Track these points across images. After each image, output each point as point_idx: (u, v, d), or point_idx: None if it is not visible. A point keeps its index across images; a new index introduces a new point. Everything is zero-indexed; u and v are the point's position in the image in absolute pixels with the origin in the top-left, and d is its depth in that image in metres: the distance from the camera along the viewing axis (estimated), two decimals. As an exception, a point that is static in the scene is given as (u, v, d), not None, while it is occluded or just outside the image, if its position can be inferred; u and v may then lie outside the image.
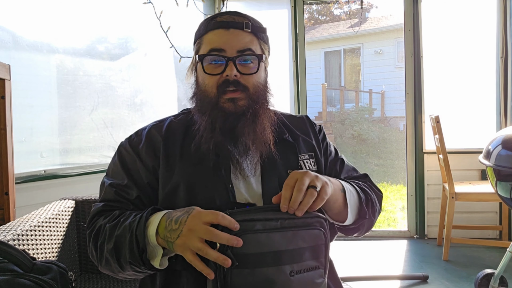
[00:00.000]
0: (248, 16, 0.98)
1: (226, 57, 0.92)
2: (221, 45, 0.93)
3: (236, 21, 0.95)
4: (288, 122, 1.09)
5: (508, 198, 1.90)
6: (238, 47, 0.93)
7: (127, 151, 0.99)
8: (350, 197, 0.94)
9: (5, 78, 1.46)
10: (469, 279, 2.47)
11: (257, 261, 0.73)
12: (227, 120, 0.92)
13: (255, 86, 0.95)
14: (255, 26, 0.97)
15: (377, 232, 3.53)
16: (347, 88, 11.81)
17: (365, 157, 8.61)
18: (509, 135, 1.93)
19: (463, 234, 3.16)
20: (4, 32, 1.98)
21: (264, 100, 0.97)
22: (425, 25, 3.27)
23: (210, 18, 0.98)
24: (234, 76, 0.92)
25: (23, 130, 2.06)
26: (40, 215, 1.39)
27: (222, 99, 0.92)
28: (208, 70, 0.94)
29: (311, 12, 14.12)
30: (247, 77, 0.94)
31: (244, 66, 0.94)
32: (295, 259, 0.75)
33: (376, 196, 1.05)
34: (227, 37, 0.93)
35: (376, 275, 2.57)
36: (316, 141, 1.09)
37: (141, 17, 2.68)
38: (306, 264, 0.76)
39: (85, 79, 2.42)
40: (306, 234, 0.77)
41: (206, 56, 0.94)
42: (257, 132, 0.94)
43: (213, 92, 0.93)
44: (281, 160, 0.99)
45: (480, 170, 3.20)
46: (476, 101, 3.29)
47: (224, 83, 0.92)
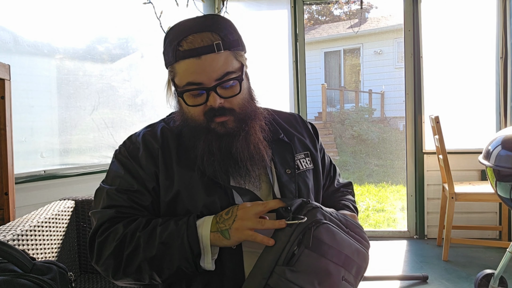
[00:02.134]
0: (215, 28, 0.89)
1: (205, 88, 0.88)
2: (197, 79, 0.87)
3: (205, 45, 0.86)
4: (281, 120, 1.09)
5: (507, 198, 1.90)
6: (215, 76, 0.87)
7: (128, 159, 0.97)
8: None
9: (5, 78, 1.46)
10: (469, 279, 2.47)
11: (326, 251, 0.81)
12: (222, 142, 0.92)
13: (241, 105, 0.93)
14: (226, 42, 0.88)
15: (377, 232, 3.53)
16: (347, 89, 11.81)
17: (365, 157, 8.61)
18: (508, 136, 1.93)
19: (463, 234, 3.16)
20: (4, 32, 1.98)
21: (252, 113, 0.95)
22: (425, 25, 3.27)
23: (176, 42, 0.88)
24: (219, 104, 0.89)
25: (23, 130, 2.06)
26: (40, 215, 1.39)
27: (212, 123, 0.91)
28: (190, 102, 0.91)
29: (311, 12, 14.13)
30: (231, 100, 0.91)
31: (226, 89, 0.90)
32: (348, 267, 0.84)
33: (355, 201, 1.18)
34: (201, 67, 0.86)
35: (376, 275, 2.57)
36: (310, 140, 1.11)
37: (141, 17, 2.68)
38: (350, 277, 0.84)
39: (85, 79, 2.42)
40: (361, 252, 0.87)
41: (185, 92, 0.90)
42: (251, 150, 0.93)
43: (200, 119, 0.92)
44: (279, 161, 1.00)
45: (480, 171, 3.20)
46: (476, 102, 3.29)
47: (210, 111, 0.90)
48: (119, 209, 0.92)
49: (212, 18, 0.91)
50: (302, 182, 1.01)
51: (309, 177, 1.04)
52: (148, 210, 0.94)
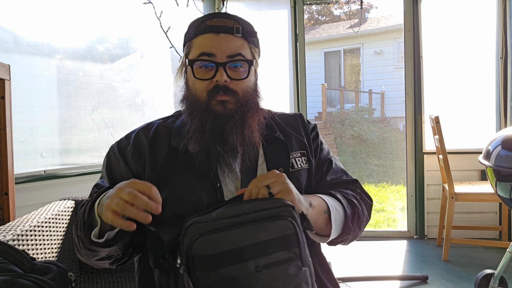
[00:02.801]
0: (239, 19, 0.97)
1: (216, 62, 0.92)
2: (211, 50, 0.92)
3: (226, 26, 0.93)
4: (280, 120, 1.09)
5: (507, 198, 1.90)
6: (228, 52, 0.92)
7: (115, 153, 1.01)
8: (335, 216, 0.92)
9: (5, 78, 1.46)
10: (469, 280, 2.47)
11: (218, 261, 0.70)
12: (217, 122, 0.93)
13: (245, 91, 0.95)
14: (245, 30, 0.95)
15: (377, 232, 3.53)
16: (347, 89, 11.82)
17: (365, 157, 8.61)
18: (508, 136, 1.93)
19: (463, 234, 3.16)
20: (4, 32, 1.98)
21: (253, 104, 0.97)
22: (425, 25, 3.27)
23: (200, 21, 0.96)
24: (224, 82, 0.92)
25: (23, 130, 2.06)
26: (40, 215, 1.39)
27: (213, 101, 0.93)
28: (198, 75, 0.94)
29: (311, 13, 14.13)
30: (237, 82, 0.94)
31: (234, 71, 0.94)
32: (259, 253, 0.71)
33: (365, 206, 1.03)
34: (217, 42, 0.92)
35: (376, 276, 2.57)
36: (307, 140, 1.08)
37: (141, 17, 2.68)
38: (275, 256, 0.72)
39: (85, 79, 2.42)
40: (269, 226, 0.73)
41: (196, 61, 0.94)
42: (245, 134, 0.94)
43: (203, 96, 0.94)
44: (272, 159, 0.99)
45: (480, 171, 3.20)
46: (475, 102, 3.29)
47: (214, 88, 0.93)
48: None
49: (240, 17, 0.99)
50: (295, 181, 0.99)
51: (303, 177, 1.03)
52: None
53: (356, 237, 1.02)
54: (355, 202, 1.00)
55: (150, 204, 0.74)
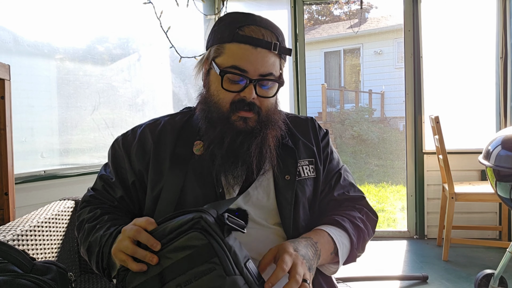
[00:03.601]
0: (276, 30, 0.93)
1: (248, 77, 0.89)
2: (246, 65, 0.88)
3: (265, 40, 0.89)
4: (291, 124, 1.06)
5: (507, 198, 1.90)
6: (261, 71, 0.89)
7: (120, 148, 1.01)
8: (342, 252, 0.94)
9: (5, 78, 1.46)
10: (469, 280, 2.47)
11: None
12: (237, 138, 0.91)
13: (268, 109, 0.94)
14: (282, 47, 0.92)
15: (377, 232, 3.53)
16: (347, 89, 11.82)
17: (365, 157, 8.61)
18: (508, 136, 1.93)
19: (463, 234, 3.16)
20: (4, 32, 1.98)
21: (274, 121, 0.95)
22: (425, 25, 3.27)
23: (237, 25, 0.90)
24: (252, 99, 0.90)
25: (23, 131, 2.06)
26: (40, 216, 1.39)
27: (234, 115, 0.91)
28: (226, 86, 0.90)
29: (311, 13, 14.13)
30: (263, 100, 0.92)
31: (263, 89, 0.92)
32: (178, 272, 0.70)
33: (371, 225, 1.03)
34: (253, 57, 0.88)
35: (376, 276, 2.57)
36: (317, 147, 1.05)
37: (142, 17, 2.68)
38: (194, 272, 0.70)
39: (85, 79, 2.42)
40: (182, 242, 0.72)
41: (228, 73, 0.89)
42: (263, 154, 0.93)
43: (226, 107, 0.91)
44: (279, 166, 0.97)
45: (480, 171, 3.20)
46: (475, 102, 3.29)
47: (240, 102, 0.90)
48: (96, 193, 1.03)
49: (275, 24, 0.95)
50: (300, 189, 0.98)
51: (309, 186, 1.00)
52: (118, 201, 0.99)
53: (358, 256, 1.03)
54: (361, 226, 0.99)
55: (151, 240, 0.74)
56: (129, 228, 0.77)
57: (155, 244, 0.72)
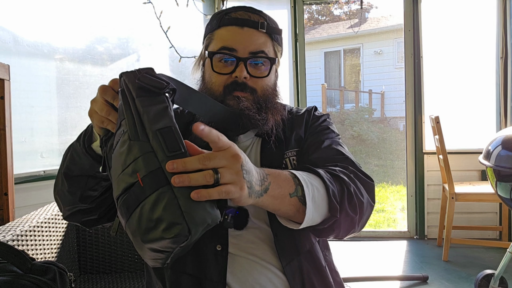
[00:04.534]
0: (265, 14, 0.94)
1: (237, 57, 0.88)
2: (234, 44, 0.89)
3: (251, 19, 0.90)
4: (288, 117, 1.03)
5: (508, 198, 1.89)
6: (251, 48, 0.89)
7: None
8: (312, 194, 0.73)
9: (5, 79, 1.46)
10: (469, 280, 2.47)
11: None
12: (231, 116, 0.89)
13: (264, 90, 0.92)
14: (270, 26, 0.92)
15: (377, 232, 3.53)
16: (347, 89, 11.81)
17: (365, 157, 8.60)
18: (509, 136, 1.93)
19: (463, 234, 3.16)
20: (4, 32, 1.98)
21: (272, 104, 0.93)
22: (425, 25, 3.27)
23: (224, 13, 0.93)
24: (244, 78, 0.89)
25: (23, 131, 2.06)
26: (39, 216, 1.39)
27: (229, 96, 0.90)
28: (217, 69, 0.91)
29: (311, 12, 14.13)
30: (257, 80, 0.91)
31: (255, 68, 0.91)
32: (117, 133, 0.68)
33: (363, 185, 0.83)
34: (241, 36, 0.89)
35: (376, 276, 2.57)
36: (305, 132, 0.99)
37: (141, 17, 2.68)
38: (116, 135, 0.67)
39: (85, 80, 2.42)
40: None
41: (216, 54, 0.90)
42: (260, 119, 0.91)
43: (219, 91, 0.91)
44: (266, 156, 0.94)
45: (480, 171, 3.20)
46: (476, 102, 3.29)
47: (232, 84, 0.90)
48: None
49: (265, 12, 0.96)
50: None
51: None
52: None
53: (354, 225, 0.80)
54: (343, 178, 0.79)
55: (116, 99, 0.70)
56: (99, 88, 0.73)
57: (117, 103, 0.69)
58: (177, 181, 0.56)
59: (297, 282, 0.88)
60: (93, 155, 0.81)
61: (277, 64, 0.97)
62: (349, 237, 0.84)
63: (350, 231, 0.81)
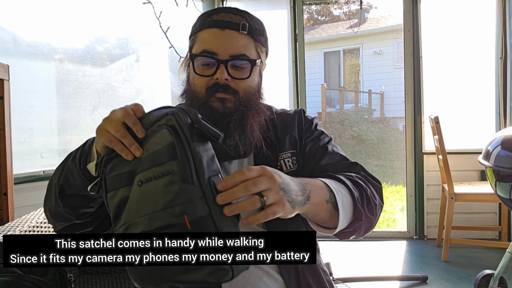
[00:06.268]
0: (247, 15, 0.94)
1: (218, 59, 0.89)
2: (214, 48, 0.90)
3: (232, 21, 0.90)
4: (278, 119, 1.03)
5: (507, 198, 1.90)
6: (231, 52, 0.89)
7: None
8: (342, 201, 0.80)
9: (4, 79, 1.46)
10: (469, 280, 2.47)
11: (117, 182, 0.68)
12: (213, 117, 0.89)
13: (246, 91, 0.92)
14: (252, 28, 0.92)
15: (376, 233, 3.53)
16: (346, 89, 11.81)
17: (365, 157, 8.61)
18: (508, 136, 1.93)
19: (463, 234, 3.16)
20: (3, 32, 1.98)
21: (255, 105, 0.94)
22: (425, 25, 3.27)
23: (206, 15, 0.93)
24: (225, 80, 0.90)
25: (23, 131, 2.06)
26: (39, 216, 1.39)
27: (211, 98, 0.91)
28: (199, 71, 0.92)
29: (311, 13, 14.13)
30: (238, 82, 0.91)
31: (236, 70, 0.91)
32: (142, 168, 0.67)
33: (375, 189, 0.91)
34: (221, 38, 0.90)
35: (376, 276, 2.57)
36: (299, 133, 1.01)
37: (141, 17, 2.68)
38: (154, 170, 0.66)
39: (85, 80, 2.42)
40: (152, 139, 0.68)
41: (197, 57, 0.91)
42: (246, 130, 0.92)
43: (202, 92, 0.92)
44: (260, 160, 0.95)
45: (480, 171, 3.20)
46: (475, 102, 3.29)
47: (214, 86, 0.90)
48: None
49: (247, 12, 0.96)
50: None
51: None
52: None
53: (371, 226, 0.89)
54: (361, 183, 0.87)
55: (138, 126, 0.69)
56: (118, 109, 0.71)
57: (140, 131, 0.68)
58: (228, 212, 0.63)
59: (293, 282, 0.89)
60: (89, 177, 0.80)
61: (261, 65, 0.96)
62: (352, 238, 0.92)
63: (368, 231, 0.89)
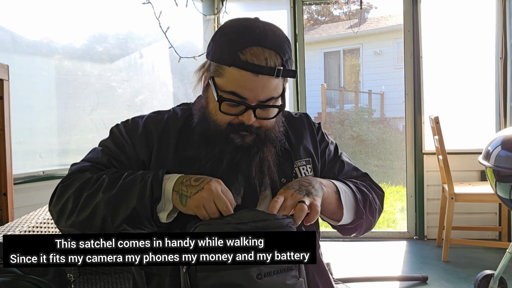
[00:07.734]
0: (281, 49, 0.86)
1: (246, 104, 0.86)
2: (244, 93, 0.84)
3: (268, 66, 0.83)
4: (287, 125, 1.03)
5: (507, 199, 1.90)
6: (261, 98, 0.85)
7: (122, 135, 0.97)
8: (345, 198, 0.94)
9: (4, 79, 1.46)
10: (469, 280, 2.47)
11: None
12: (237, 155, 0.89)
13: (268, 129, 0.91)
14: (285, 70, 0.85)
15: (376, 233, 3.53)
16: (346, 89, 11.82)
17: (365, 157, 8.61)
18: (508, 136, 1.93)
19: (463, 235, 3.16)
20: (3, 32, 1.97)
21: (273, 138, 0.93)
22: (425, 25, 3.27)
23: (238, 47, 0.83)
24: (251, 122, 0.88)
25: (22, 131, 2.06)
26: (38, 216, 1.39)
27: (234, 134, 0.89)
28: (224, 109, 0.87)
29: (311, 13, 14.13)
30: (263, 121, 0.90)
31: (262, 110, 0.88)
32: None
33: (376, 195, 1.04)
34: (253, 84, 0.83)
35: (376, 276, 2.57)
36: (313, 144, 1.04)
37: (140, 17, 2.68)
38: (276, 265, 0.73)
39: (84, 80, 2.42)
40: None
41: (225, 99, 0.86)
42: (264, 171, 0.92)
43: (223, 126, 0.89)
44: (275, 169, 0.95)
45: (480, 171, 3.19)
46: (475, 102, 3.29)
47: (238, 125, 0.88)
48: (96, 165, 0.94)
49: (280, 34, 0.88)
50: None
51: None
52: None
53: (370, 226, 1.02)
54: (364, 190, 1.01)
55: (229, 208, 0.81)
56: (216, 191, 0.81)
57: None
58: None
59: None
60: (159, 223, 0.83)
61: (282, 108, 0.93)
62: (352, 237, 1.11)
63: (367, 230, 1.04)
